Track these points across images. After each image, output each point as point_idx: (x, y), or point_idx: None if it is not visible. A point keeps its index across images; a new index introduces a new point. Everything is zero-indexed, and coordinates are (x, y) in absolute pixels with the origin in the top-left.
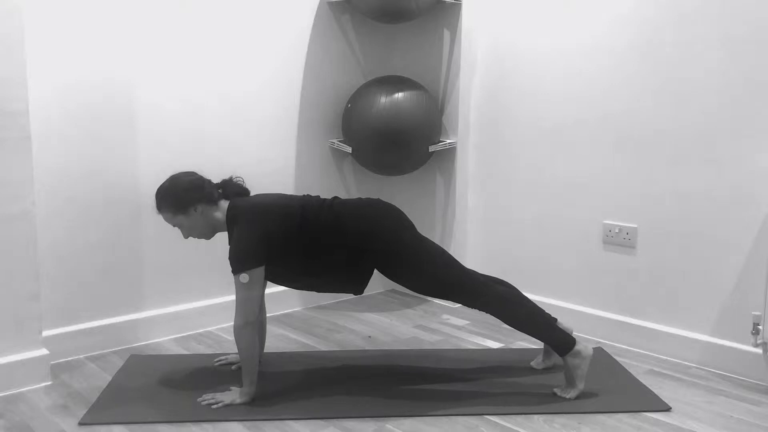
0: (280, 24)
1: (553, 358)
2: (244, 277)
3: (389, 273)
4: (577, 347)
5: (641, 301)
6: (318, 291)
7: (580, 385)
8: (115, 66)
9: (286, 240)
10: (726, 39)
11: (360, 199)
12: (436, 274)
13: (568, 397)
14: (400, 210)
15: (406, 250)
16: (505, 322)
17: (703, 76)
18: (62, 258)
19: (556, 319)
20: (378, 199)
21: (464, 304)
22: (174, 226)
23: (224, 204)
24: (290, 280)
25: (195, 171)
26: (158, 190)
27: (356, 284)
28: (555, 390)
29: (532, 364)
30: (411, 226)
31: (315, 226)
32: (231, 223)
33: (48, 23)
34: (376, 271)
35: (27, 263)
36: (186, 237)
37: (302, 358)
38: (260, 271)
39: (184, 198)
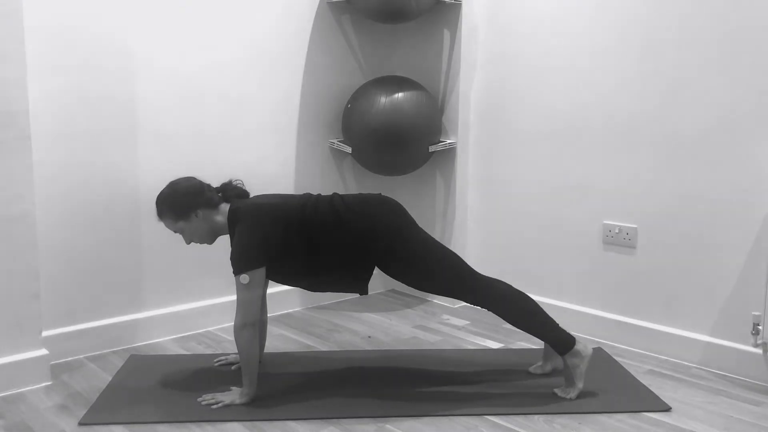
0: (280, 24)
1: (552, 363)
2: (245, 278)
3: (390, 271)
4: (577, 347)
5: (641, 301)
6: (321, 290)
7: (580, 385)
8: (116, 67)
9: (288, 240)
10: (726, 39)
11: (360, 194)
12: (437, 271)
13: (568, 397)
14: (400, 205)
15: (407, 247)
16: (506, 320)
17: (704, 77)
18: (62, 258)
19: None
20: (378, 195)
21: (465, 300)
22: (175, 232)
23: (225, 207)
24: (293, 280)
25: (194, 173)
26: (158, 197)
27: (358, 283)
28: (555, 390)
29: (531, 369)
30: (412, 222)
31: (315, 225)
32: (233, 225)
33: (49, 24)
34: (376, 270)
35: (27, 263)
36: (188, 242)
37: (302, 358)
38: (261, 272)
39: (185, 203)
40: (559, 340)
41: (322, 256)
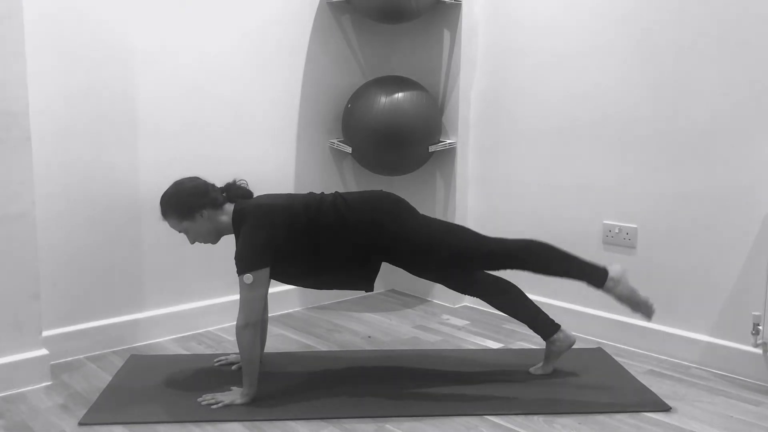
0: (281, 24)
1: (553, 364)
2: (248, 278)
3: (403, 265)
4: (611, 274)
5: None
6: (327, 288)
7: (643, 296)
8: (116, 67)
9: (293, 240)
10: (726, 39)
11: (361, 192)
12: (445, 247)
13: (651, 315)
14: (401, 199)
15: (413, 236)
16: (535, 272)
17: (704, 77)
18: (62, 258)
19: (559, 326)
20: (380, 191)
21: (486, 268)
22: (180, 232)
23: (229, 207)
24: (299, 279)
25: (194, 173)
26: (163, 196)
27: (365, 280)
28: (643, 316)
29: (531, 370)
30: (413, 212)
31: (319, 225)
32: (238, 225)
33: (49, 24)
34: (374, 269)
35: (27, 263)
36: (192, 242)
37: (302, 358)
38: (265, 272)
39: (190, 203)
40: (594, 275)
41: (327, 255)
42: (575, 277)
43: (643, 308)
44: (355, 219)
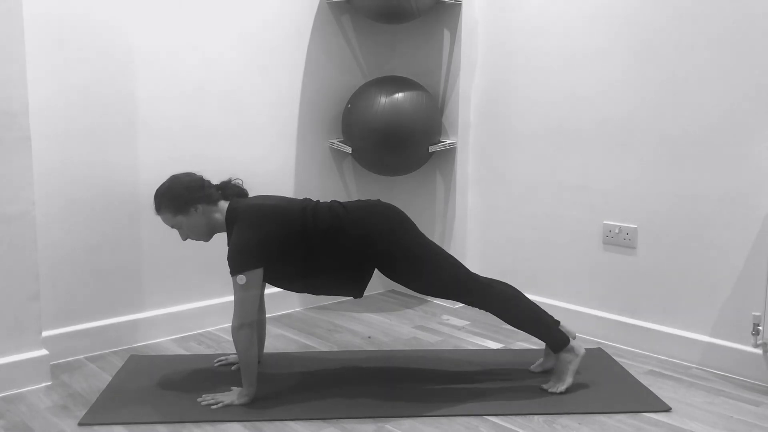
0: (280, 24)
1: (553, 360)
2: (242, 279)
3: (390, 274)
4: (572, 344)
5: (641, 301)
6: (316, 293)
7: (569, 380)
8: (116, 67)
9: (286, 243)
10: (726, 40)
11: (359, 201)
12: (436, 275)
13: (558, 391)
14: (400, 211)
15: (407, 252)
16: (504, 320)
17: (703, 77)
18: (62, 258)
19: (558, 322)
20: (378, 201)
21: (464, 302)
22: (173, 227)
23: (223, 205)
24: (289, 282)
25: (194, 172)
26: (158, 190)
27: (356, 287)
28: (543, 386)
29: (532, 368)
30: (411, 227)
31: (315, 229)
32: (230, 224)
33: (49, 24)
34: (376, 270)
35: (27, 263)
36: (184, 239)
37: (302, 358)
38: (258, 272)
39: (185, 198)
40: (554, 339)
41: (319, 259)
42: (539, 337)
43: (559, 385)
44: (351, 226)
